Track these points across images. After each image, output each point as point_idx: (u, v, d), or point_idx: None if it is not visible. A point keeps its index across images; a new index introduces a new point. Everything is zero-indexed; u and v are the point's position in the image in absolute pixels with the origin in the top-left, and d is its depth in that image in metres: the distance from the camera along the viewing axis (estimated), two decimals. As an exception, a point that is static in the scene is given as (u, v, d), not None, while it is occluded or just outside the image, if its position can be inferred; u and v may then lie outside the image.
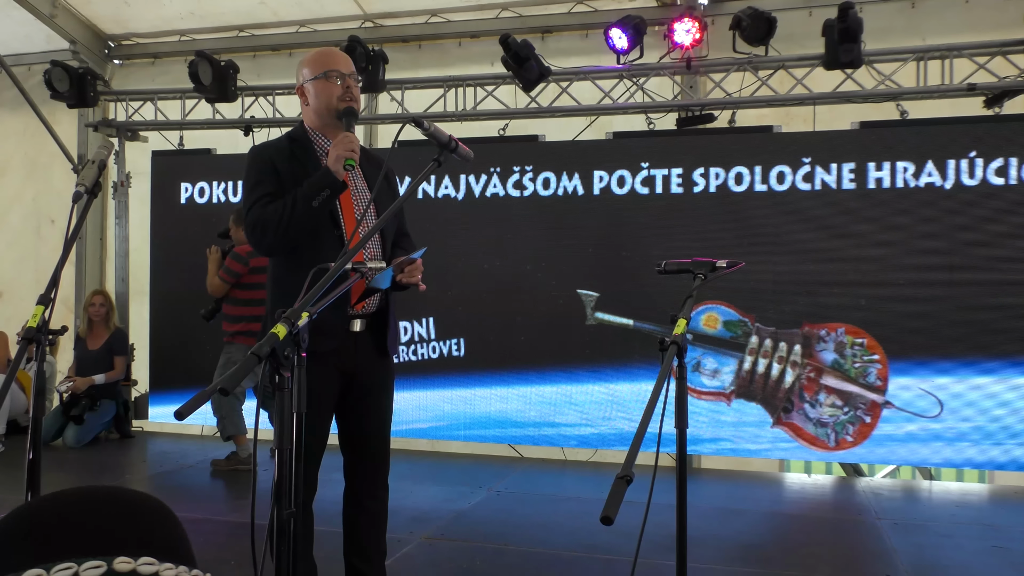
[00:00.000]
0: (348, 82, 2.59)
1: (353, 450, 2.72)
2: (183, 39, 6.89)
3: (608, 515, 1.35)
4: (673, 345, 1.92)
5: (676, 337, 1.94)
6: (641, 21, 5.41)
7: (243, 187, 2.70)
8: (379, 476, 2.74)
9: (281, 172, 2.55)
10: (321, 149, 2.63)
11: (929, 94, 5.26)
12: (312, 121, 2.64)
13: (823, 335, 5.24)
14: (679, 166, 5.48)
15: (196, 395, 1.49)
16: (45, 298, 2.06)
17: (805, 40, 5.39)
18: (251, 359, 1.58)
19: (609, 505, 1.36)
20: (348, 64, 2.64)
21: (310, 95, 2.60)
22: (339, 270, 1.95)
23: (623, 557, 3.59)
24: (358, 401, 2.68)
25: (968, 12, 5.43)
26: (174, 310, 6.43)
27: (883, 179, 5.17)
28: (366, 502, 2.72)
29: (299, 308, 1.74)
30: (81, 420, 6.05)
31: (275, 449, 1.70)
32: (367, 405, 2.71)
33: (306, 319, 1.75)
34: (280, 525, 1.65)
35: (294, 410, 1.75)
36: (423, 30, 6.43)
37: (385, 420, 2.76)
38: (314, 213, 2.44)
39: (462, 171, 5.80)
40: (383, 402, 2.76)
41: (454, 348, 5.84)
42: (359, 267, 2.20)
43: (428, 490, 4.96)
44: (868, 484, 5.38)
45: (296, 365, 1.73)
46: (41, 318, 2.01)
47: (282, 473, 1.66)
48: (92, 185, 2.21)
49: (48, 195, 7.22)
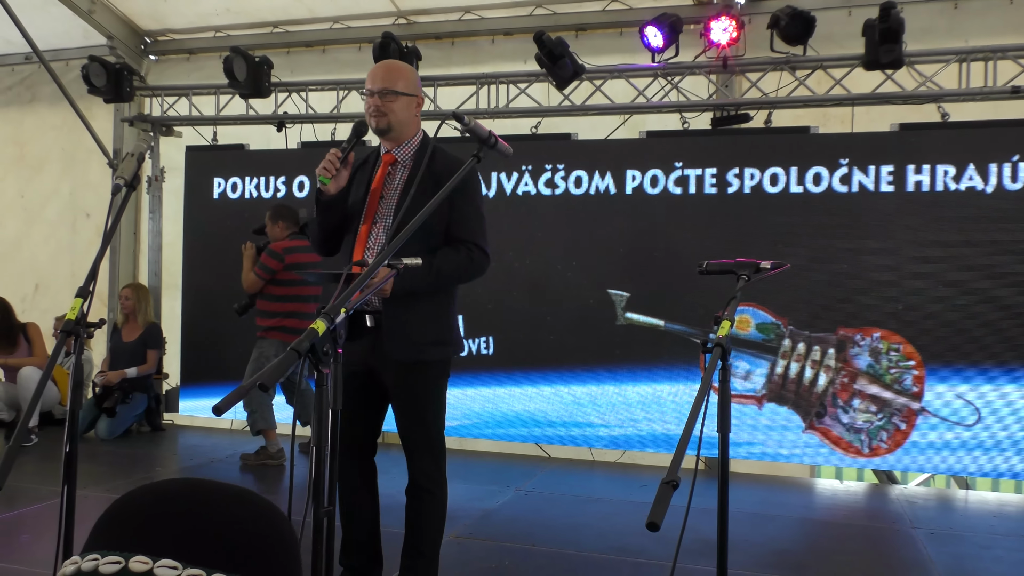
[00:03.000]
0: (374, 99, 2.68)
1: (402, 439, 2.83)
2: (218, 35, 6.93)
3: (655, 520, 1.32)
4: (717, 347, 1.88)
5: (721, 339, 1.90)
6: (677, 19, 5.35)
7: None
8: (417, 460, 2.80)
9: (355, 178, 2.78)
10: (378, 157, 2.83)
11: (971, 96, 5.15)
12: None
13: (858, 339, 5.15)
14: (713, 166, 5.42)
15: (234, 390, 1.49)
16: (84, 291, 2.06)
17: (844, 40, 5.30)
18: (291, 355, 1.56)
19: (655, 511, 1.33)
20: (374, 79, 2.70)
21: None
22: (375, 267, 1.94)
23: (653, 560, 3.55)
24: (388, 394, 2.80)
25: (1012, 13, 5.31)
26: (206, 304, 6.47)
27: (923, 182, 5.07)
28: (411, 487, 2.82)
29: (338, 304, 1.73)
30: (113, 412, 6.11)
31: (313, 446, 1.68)
32: (394, 404, 2.82)
33: (344, 315, 1.74)
34: (317, 523, 1.63)
35: (330, 406, 1.74)
36: (456, 27, 6.41)
37: (415, 411, 2.79)
38: (320, 220, 2.75)
39: (494, 169, 5.77)
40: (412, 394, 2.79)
41: (483, 346, 5.82)
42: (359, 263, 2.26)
43: (456, 488, 4.89)
44: (902, 492, 5.29)
45: (334, 361, 1.71)
46: (80, 311, 2.02)
47: (319, 470, 1.65)
48: (131, 178, 2.21)
49: (84, 189, 7.30)
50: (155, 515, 0.65)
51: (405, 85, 2.72)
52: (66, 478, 2.02)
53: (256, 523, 0.68)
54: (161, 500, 0.67)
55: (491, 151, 2.26)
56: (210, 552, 0.63)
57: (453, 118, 2.20)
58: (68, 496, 2.00)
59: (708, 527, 2.19)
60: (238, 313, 5.45)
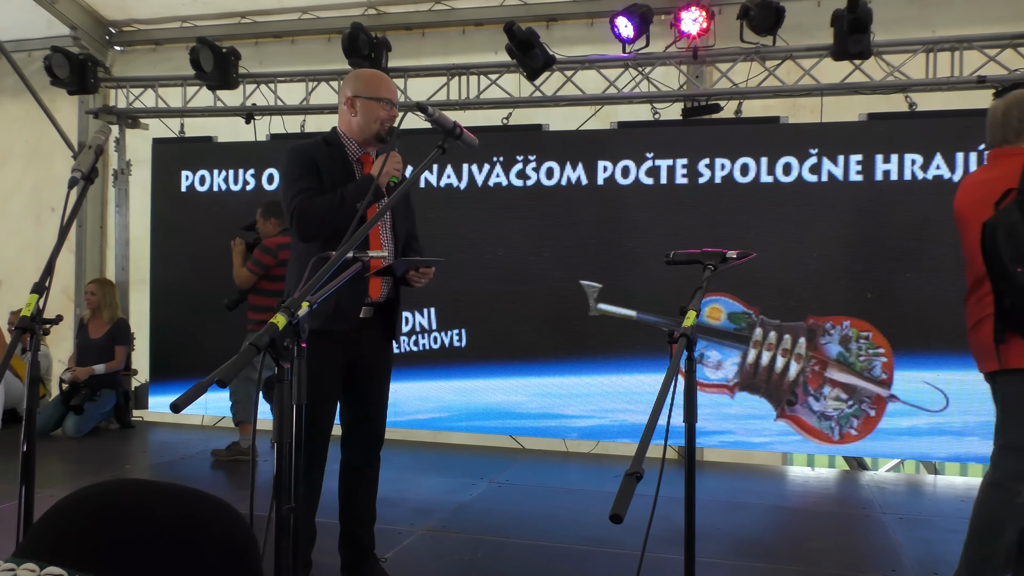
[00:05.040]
0: (394, 112, 2.93)
1: (355, 428, 3.05)
2: (184, 25, 6.83)
3: (618, 513, 1.31)
4: (683, 338, 1.87)
5: (686, 329, 1.89)
6: (647, 9, 5.34)
7: (283, 179, 2.97)
8: (376, 448, 3.10)
9: (322, 170, 2.87)
10: (352, 155, 2.96)
11: (939, 86, 5.19)
12: (350, 130, 2.95)
13: (828, 328, 5.19)
14: (684, 157, 5.42)
15: (193, 387, 1.45)
16: (39, 286, 2.02)
17: (813, 30, 5.32)
18: (249, 350, 1.54)
19: (618, 503, 1.32)
20: (396, 94, 3.01)
21: (359, 109, 2.90)
22: (339, 259, 1.92)
23: (627, 551, 3.55)
24: (362, 383, 2.99)
25: (978, 4, 5.36)
26: (175, 299, 6.39)
27: (891, 171, 5.11)
28: (364, 474, 3.08)
29: (299, 298, 1.70)
30: (81, 410, 6.01)
31: (274, 442, 1.66)
32: (369, 386, 3.02)
33: (306, 309, 1.71)
34: (280, 521, 1.61)
35: (294, 401, 1.71)
36: (427, 18, 6.36)
37: (385, 401, 3.10)
38: (355, 213, 2.74)
39: (465, 160, 5.75)
40: (384, 385, 3.09)
41: (456, 339, 5.80)
42: (360, 256, 2.23)
43: (430, 481, 4.93)
44: (872, 478, 5.34)
45: (296, 356, 1.68)
46: (35, 307, 1.97)
47: (281, 467, 1.62)
48: (88, 171, 2.16)
49: (49, 183, 7.17)
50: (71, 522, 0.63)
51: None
52: (24, 477, 1.98)
53: (199, 526, 0.65)
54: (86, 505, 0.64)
55: (456, 142, 2.25)
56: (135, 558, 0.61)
57: (418, 109, 2.20)
58: (26, 496, 1.96)
59: (680, 516, 2.19)
60: (228, 308, 5.42)
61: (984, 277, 2.84)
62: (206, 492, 0.68)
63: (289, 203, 2.85)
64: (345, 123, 2.97)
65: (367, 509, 3.10)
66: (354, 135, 2.95)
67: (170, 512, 0.65)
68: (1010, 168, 2.82)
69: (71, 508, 0.64)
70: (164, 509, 0.65)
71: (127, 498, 0.65)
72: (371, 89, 2.91)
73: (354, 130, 2.94)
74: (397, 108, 2.97)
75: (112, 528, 0.62)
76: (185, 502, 0.66)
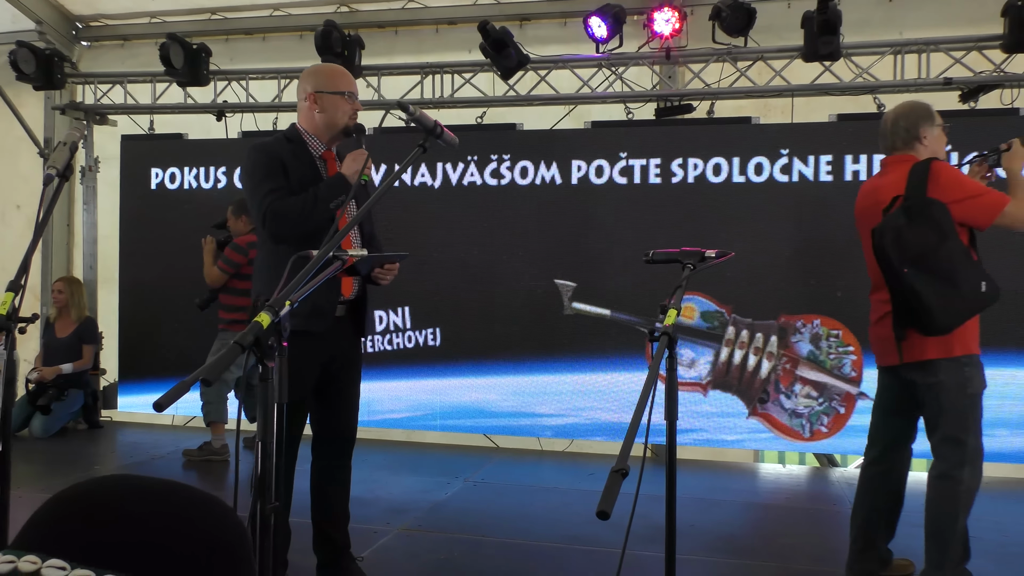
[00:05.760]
0: (357, 104, 2.91)
1: (327, 427, 3.04)
2: (154, 21, 6.74)
3: (604, 509, 1.32)
4: (664, 336, 1.89)
5: (667, 328, 1.91)
6: (620, 10, 5.37)
7: (249, 179, 2.88)
8: (349, 448, 3.09)
9: (288, 169, 2.82)
10: (315, 151, 2.92)
11: (906, 87, 5.27)
12: (313, 127, 2.91)
13: (799, 326, 5.26)
14: (657, 156, 5.46)
15: (176, 385, 1.44)
16: (15, 284, 1.99)
17: (784, 32, 5.38)
18: (234, 348, 1.53)
19: (605, 500, 1.33)
20: (356, 87, 2.96)
21: (321, 104, 2.87)
22: (323, 258, 1.91)
23: (602, 548, 3.58)
24: (334, 381, 2.98)
25: (945, 6, 5.46)
26: (144, 298, 6.31)
27: (860, 171, 5.18)
28: (336, 472, 3.06)
29: (282, 297, 1.69)
30: (48, 410, 5.92)
31: (259, 441, 1.65)
32: (342, 386, 3.01)
33: (288, 307, 1.70)
34: (263, 520, 1.60)
35: (276, 400, 1.71)
36: (400, 16, 6.33)
37: (357, 399, 3.10)
38: (329, 213, 2.74)
39: (439, 159, 5.74)
40: (356, 382, 3.09)
41: (430, 338, 5.79)
42: (340, 254, 2.20)
43: (404, 481, 4.92)
44: (842, 474, 5.42)
45: (279, 354, 1.68)
46: (11, 305, 1.94)
47: (265, 465, 1.62)
48: (64, 168, 2.13)
49: (14, 180, 7.04)
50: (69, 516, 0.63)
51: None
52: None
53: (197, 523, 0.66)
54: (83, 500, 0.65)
55: (437, 141, 2.25)
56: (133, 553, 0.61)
57: (399, 108, 2.21)
58: (1, 496, 1.93)
59: (657, 513, 2.22)
60: (200, 307, 5.35)
61: (881, 278, 2.99)
62: (202, 490, 0.69)
63: (259, 204, 2.80)
64: (307, 119, 2.92)
65: (340, 508, 3.09)
66: (318, 131, 2.91)
67: (168, 508, 0.66)
68: (898, 175, 2.98)
69: (70, 502, 0.65)
70: (162, 505, 0.66)
71: (125, 493, 0.66)
72: (332, 83, 2.88)
73: (319, 126, 2.90)
74: (359, 100, 2.93)
75: (111, 523, 0.63)
76: (182, 498, 0.67)
